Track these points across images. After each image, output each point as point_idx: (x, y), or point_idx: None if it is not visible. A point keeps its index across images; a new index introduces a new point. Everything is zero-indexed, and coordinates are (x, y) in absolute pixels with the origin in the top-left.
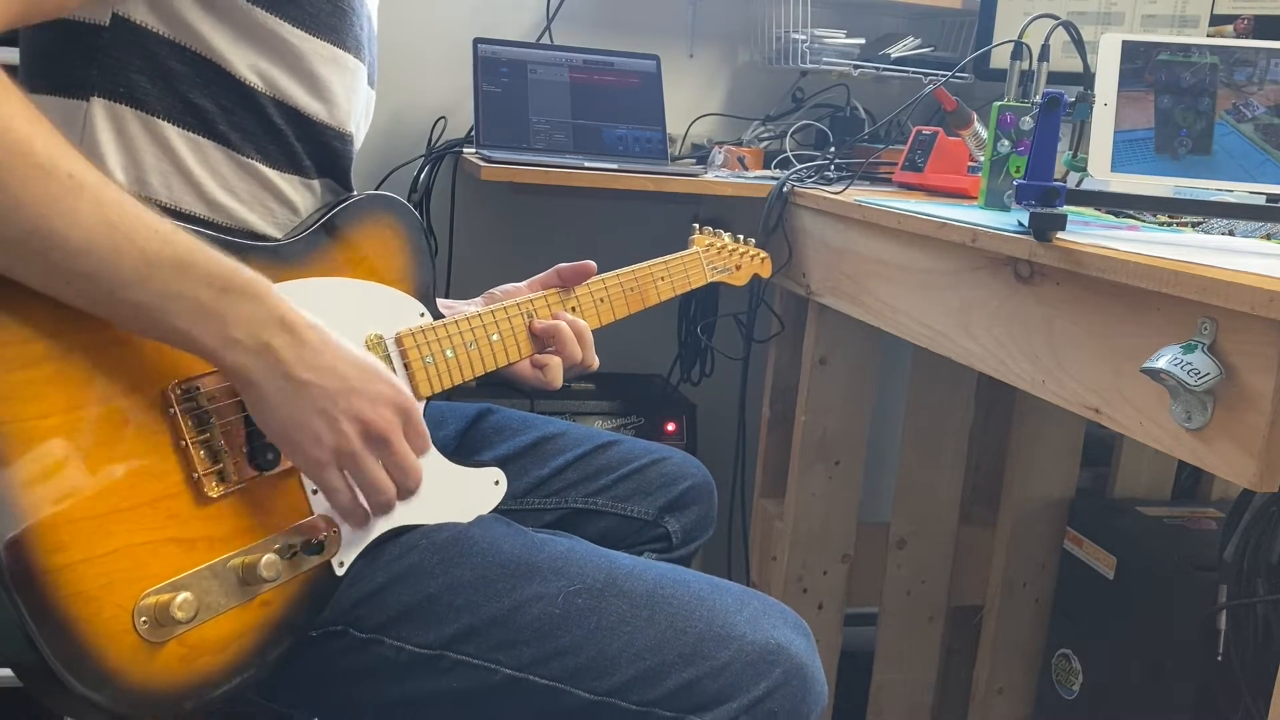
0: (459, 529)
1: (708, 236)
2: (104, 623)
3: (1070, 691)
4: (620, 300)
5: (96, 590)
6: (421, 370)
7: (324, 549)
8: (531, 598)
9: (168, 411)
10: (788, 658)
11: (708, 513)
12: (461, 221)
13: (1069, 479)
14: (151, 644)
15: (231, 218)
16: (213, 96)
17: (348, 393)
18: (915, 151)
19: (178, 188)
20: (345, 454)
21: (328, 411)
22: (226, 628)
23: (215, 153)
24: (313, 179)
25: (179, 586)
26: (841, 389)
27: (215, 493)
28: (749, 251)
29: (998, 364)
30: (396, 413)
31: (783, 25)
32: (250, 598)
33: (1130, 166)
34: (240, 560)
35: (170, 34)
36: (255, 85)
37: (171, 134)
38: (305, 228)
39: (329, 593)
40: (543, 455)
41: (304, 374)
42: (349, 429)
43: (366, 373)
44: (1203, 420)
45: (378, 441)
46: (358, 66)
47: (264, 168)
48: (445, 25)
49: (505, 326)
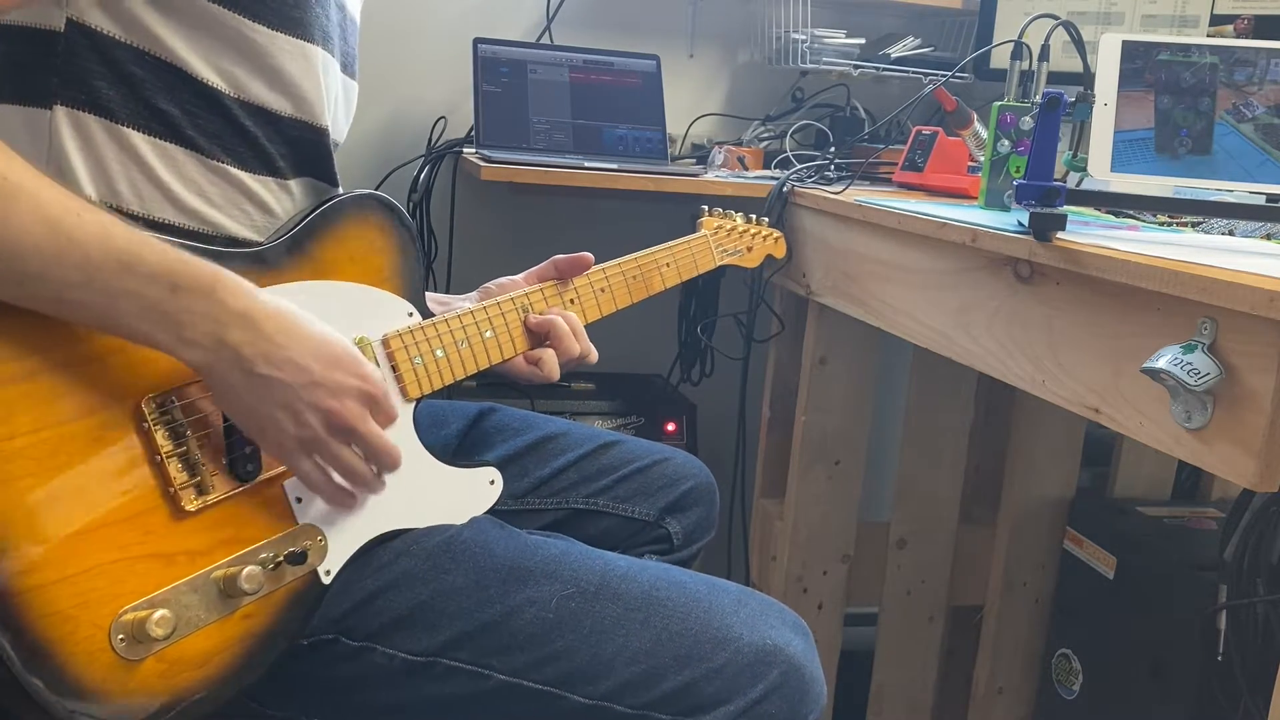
0: (450, 533)
1: (717, 219)
2: (80, 642)
3: (1070, 691)
4: (623, 289)
5: (72, 610)
6: (410, 372)
7: (307, 558)
8: (524, 602)
9: (141, 426)
10: (785, 659)
11: (709, 514)
12: (461, 221)
13: (1069, 479)
14: (129, 661)
15: (207, 223)
16: (177, 101)
17: (310, 386)
18: (915, 151)
19: (148, 196)
20: (311, 443)
21: (290, 405)
22: (207, 642)
23: (184, 158)
24: (288, 179)
25: (156, 603)
26: (841, 389)
27: (194, 506)
28: (761, 231)
29: (998, 364)
30: (361, 401)
31: (783, 25)
32: (232, 611)
33: (1130, 166)
34: (221, 573)
35: (128, 38)
36: (218, 86)
37: (138, 141)
38: (285, 231)
39: (316, 601)
40: (544, 455)
41: (264, 368)
42: (312, 420)
43: (330, 361)
44: (1203, 420)
45: (343, 431)
46: (326, 58)
47: (236, 170)
48: (445, 25)
49: (499, 323)
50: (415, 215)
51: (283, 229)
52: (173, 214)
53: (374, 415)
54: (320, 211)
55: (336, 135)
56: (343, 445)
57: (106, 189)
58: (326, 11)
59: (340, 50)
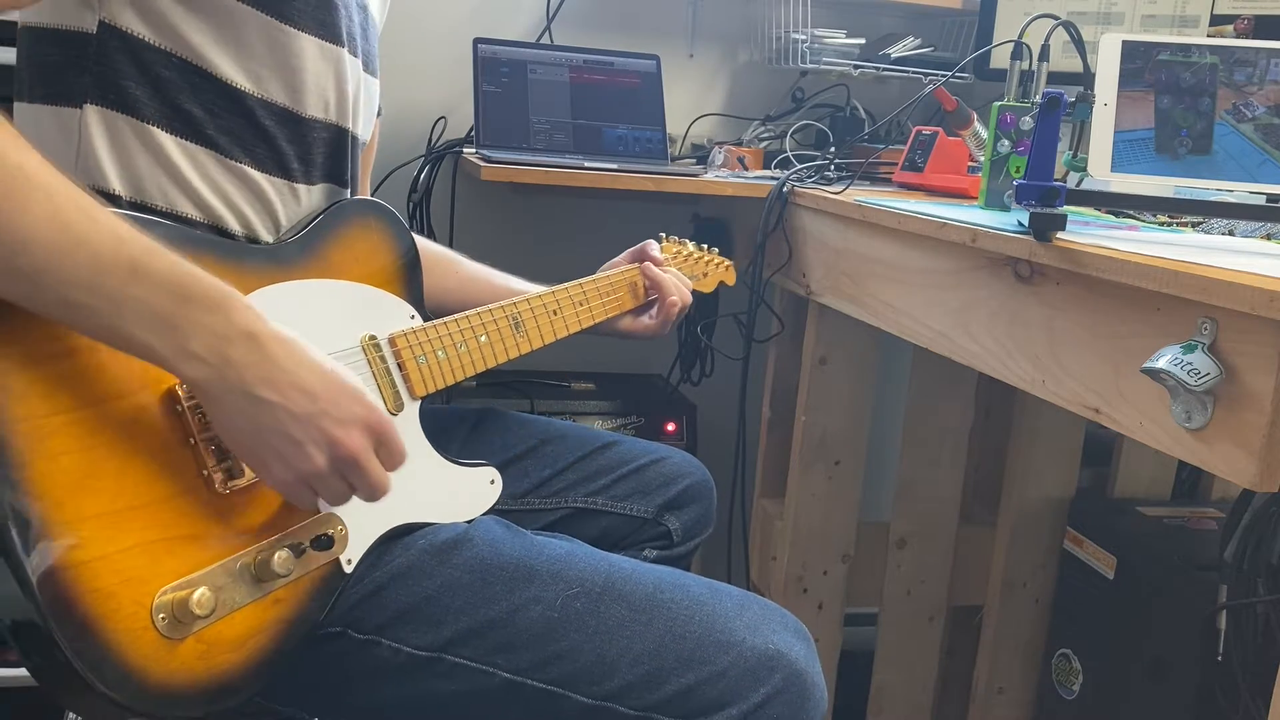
0: (458, 531)
1: (674, 245)
2: (123, 619)
3: (1070, 691)
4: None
5: (114, 587)
6: (416, 371)
7: (333, 545)
8: (530, 601)
9: (174, 409)
10: (787, 664)
11: (707, 511)
12: (461, 221)
13: (1069, 479)
14: (171, 640)
15: (226, 221)
16: (201, 101)
17: (318, 415)
18: (915, 151)
19: (173, 193)
20: (311, 476)
21: (293, 435)
22: (243, 625)
23: (206, 158)
24: (299, 184)
25: (195, 583)
26: (841, 389)
27: (225, 489)
28: (714, 260)
29: (998, 364)
30: (367, 434)
31: (783, 25)
32: (264, 594)
33: (1130, 166)
34: (253, 557)
35: (158, 40)
36: (243, 86)
37: (165, 140)
38: (298, 230)
39: (338, 590)
40: (544, 456)
41: (267, 392)
42: (315, 453)
43: (337, 390)
44: (1203, 420)
45: (346, 463)
46: (350, 59)
47: (253, 172)
48: (445, 25)
49: (492, 328)
50: (415, 215)
51: (294, 229)
52: (195, 212)
53: (379, 452)
54: (329, 213)
55: (360, 134)
56: (340, 479)
57: (133, 186)
58: (350, 13)
59: (362, 50)
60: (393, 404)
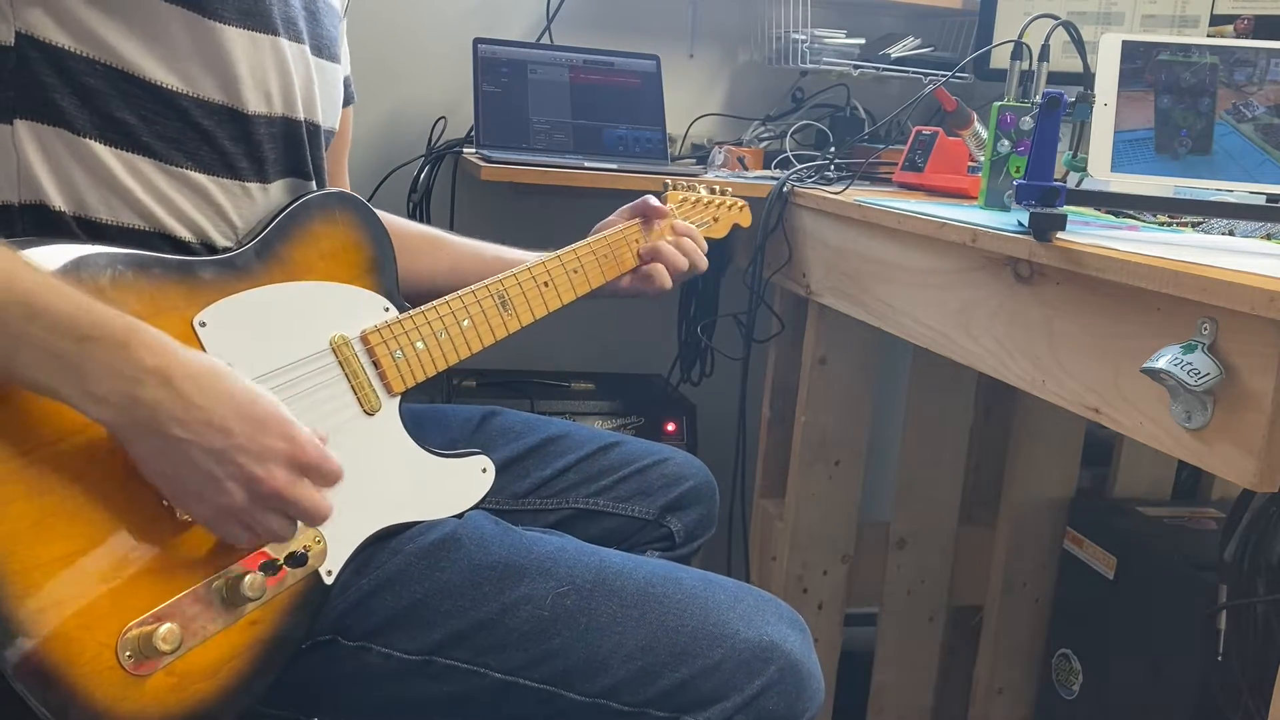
0: (445, 531)
1: (681, 191)
2: (87, 662)
3: (1070, 691)
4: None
5: (74, 630)
6: (392, 367)
7: (308, 560)
8: (519, 600)
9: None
10: (782, 655)
11: (709, 512)
12: (461, 221)
13: (1069, 479)
14: (138, 677)
15: (175, 230)
16: (133, 108)
17: (233, 450)
18: (915, 151)
19: (116, 205)
20: (233, 511)
21: (210, 472)
22: (216, 652)
23: (145, 165)
24: (251, 183)
25: (161, 616)
26: (841, 389)
27: (188, 517)
28: (726, 202)
29: (998, 364)
30: (288, 467)
31: (783, 25)
32: (237, 619)
33: (1130, 166)
34: (222, 582)
35: (79, 48)
36: (174, 87)
37: (100, 151)
38: (255, 234)
39: (320, 603)
40: (546, 456)
41: (179, 431)
42: (234, 488)
43: (253, 425)
44: (1203, 420)
45: (269, 499)
46: (290, 46)
47: (197, 175)
48: (445, 25)
49: (475, 310)
50: (415, 215)
51: (252, 232)
52: (141, 223)
53: (311, 478)
54: (288, 212)
55: (322, 122)
56: (270, 513)
57: (75, 201)
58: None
59: (310, 34)
60: (369, 404)
